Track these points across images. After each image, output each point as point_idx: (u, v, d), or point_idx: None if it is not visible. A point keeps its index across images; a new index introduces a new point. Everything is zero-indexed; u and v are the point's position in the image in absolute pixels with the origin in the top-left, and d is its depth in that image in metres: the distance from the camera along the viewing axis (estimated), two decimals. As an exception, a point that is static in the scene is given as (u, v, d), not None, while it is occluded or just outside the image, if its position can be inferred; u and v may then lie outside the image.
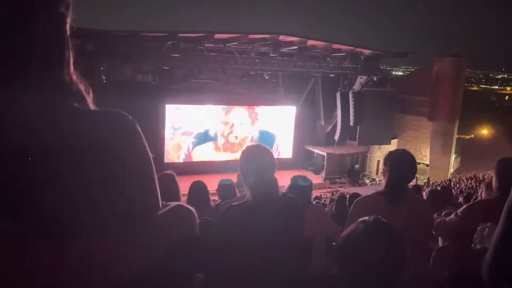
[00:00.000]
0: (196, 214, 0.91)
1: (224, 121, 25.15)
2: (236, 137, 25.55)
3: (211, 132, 24.87)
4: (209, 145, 24.86)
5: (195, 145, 24.40)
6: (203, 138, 24.62)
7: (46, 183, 0.67)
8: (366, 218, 1.54)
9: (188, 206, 0.91)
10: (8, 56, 0.69)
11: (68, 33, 0.78)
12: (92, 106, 0.83)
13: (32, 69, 0.71)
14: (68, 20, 0.78)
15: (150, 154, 0.82)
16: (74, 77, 0.79)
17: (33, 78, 0.71)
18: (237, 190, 4.52)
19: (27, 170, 0.66)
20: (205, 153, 24.66)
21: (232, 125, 25.42)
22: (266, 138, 25.74)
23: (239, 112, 25.63)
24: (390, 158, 2.70)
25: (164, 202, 0.88)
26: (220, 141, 25.21)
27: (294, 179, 3.67)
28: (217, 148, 25.08)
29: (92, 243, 0.70)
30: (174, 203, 0.88)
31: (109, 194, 0.73)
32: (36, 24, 0.71)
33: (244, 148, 2.26)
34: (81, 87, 0.81)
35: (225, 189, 4.53)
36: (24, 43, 0.70)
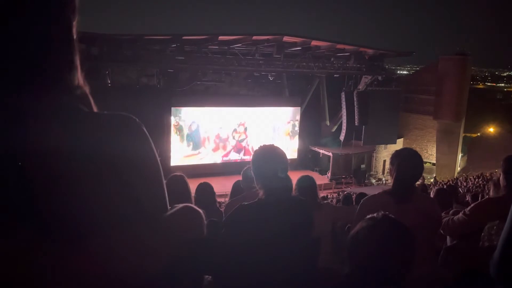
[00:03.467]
0: (204, 215, 0.91)
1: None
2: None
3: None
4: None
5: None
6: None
7: (54, 186, 0.68)
8: (374, 215, 1.54)
9: (196, 207, 0.91)
10: (16, 60, 0.70)
11: (75, 36, 0.78)
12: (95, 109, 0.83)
13: (40, 72, 0.72)
14: (74, 24, 0.78)
15: (158, 157, 0.83)
16: (82, 80, 0.79)
17: (41, 81, 0.72)
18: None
19: (35, 172, 0.67)
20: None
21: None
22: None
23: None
24: (397, 157, 2.69)
25: (172, 206, 0.88)
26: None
27: (299, 180, 3.67)
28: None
29: (100, 246, 0.70)
30: (181, 205, 0.88)
31: (117, 196, 0.73)
32: (43, 28, 0.72)
33: (256, 148, 2.26)
34: (88, 90, 0.81)
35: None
36: (32, 47, 0.71)
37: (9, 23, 0.69)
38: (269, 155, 2.17)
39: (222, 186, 11.63)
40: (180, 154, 23.68)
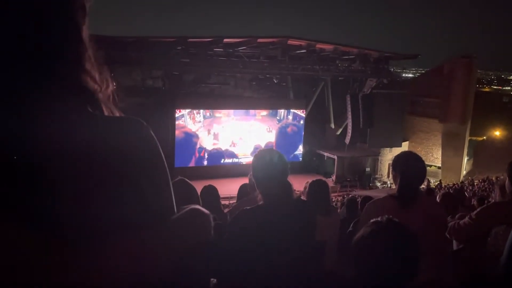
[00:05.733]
0: (211, 218, 0.91)
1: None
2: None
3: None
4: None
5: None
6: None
7: (62, 188, 0.68)
8: (378, 219, 1.53)
9: (204, 210, 0.91)
10: (25, 63, 0.70)
11: (85, 39, 0.79)
12: (112, 112, 0.84)
13: (48, 75, 0.72)
14: (84, 27, 0.79)
15: (164, 160, 0.83)
16: (91, 83, 0.80)
17: (49, 84, 0.72)
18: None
19: (42, 175, 0.67)
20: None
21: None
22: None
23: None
24: (399, 162, 2.67)
25: (181, 206, 0.88)
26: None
27: (311, 184, 3.65)
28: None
29: (108, 250, 0.70)
30: (190, 207, 0.88)
31: (124, 200, 0.73)
32: (52, 31, 0.73)
33: (257, 152, 2.26)
34: (100, 94, 0.81)
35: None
36: (41, 50, 0.72)
37: (18, 26, 0.69)
38: (268, 159, 2.16)
39: (227, 189, 11.65)
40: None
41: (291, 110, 26.43)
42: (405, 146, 28.10)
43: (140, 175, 0.76)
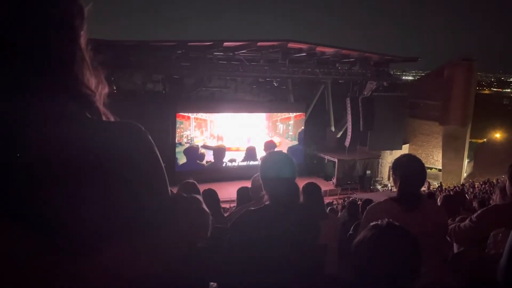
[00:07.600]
0: (210, 219, 0.91)
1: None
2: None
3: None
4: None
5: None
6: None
7: (59, 192, 0.68)
8: (379, 222, 1.53)
9: (205, 208, 0.91)
10: (23, 67, 0.71)
11: (83, 45, 0.79)
12: (108, 118, 0.84)
13: (46, 80, 0.73)
14: (82, 33, 0.79)
15: (163, 164, 0.83)
16: (89, 88, 0.80)
17: (47, 88, 0.73)
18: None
19: (40, 178, 0.67)
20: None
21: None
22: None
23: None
24: (399, 166, 2.67)
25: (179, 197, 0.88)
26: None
27: (303, 188, 3.64)
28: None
29: (104, 252, 0.70)
30: (189, 206, 0.88)
31: (121, 203, 0.73)
32: (50, 37, 0.73)
33: (265, 154, 2.27)
34: (97, 98, 0.82)
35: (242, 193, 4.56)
36: (38, 56, 0.72)
37: (16, 30, 0.70)
38: (276, 162, 2.17)
39: (227, 192, 11.63)
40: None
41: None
42: (405, 149, 28.07)
43: (137, 180, 0.76)
